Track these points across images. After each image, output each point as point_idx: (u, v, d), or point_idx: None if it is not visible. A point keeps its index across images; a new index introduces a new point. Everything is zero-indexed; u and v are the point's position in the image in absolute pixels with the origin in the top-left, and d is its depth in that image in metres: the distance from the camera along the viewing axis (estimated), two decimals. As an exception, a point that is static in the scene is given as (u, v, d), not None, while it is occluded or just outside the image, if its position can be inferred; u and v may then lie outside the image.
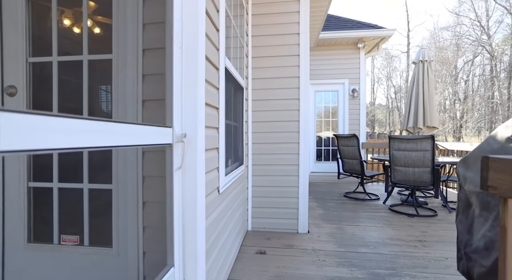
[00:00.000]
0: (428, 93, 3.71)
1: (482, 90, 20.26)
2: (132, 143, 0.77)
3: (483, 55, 21.44)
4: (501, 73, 19.51)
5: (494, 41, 19.81)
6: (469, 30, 20.15)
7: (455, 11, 21.27)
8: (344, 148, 4.45)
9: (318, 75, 6.14)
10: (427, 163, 3.15)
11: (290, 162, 2.90)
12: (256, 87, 2.94)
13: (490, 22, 19.61)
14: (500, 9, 17.85)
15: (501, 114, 17.46)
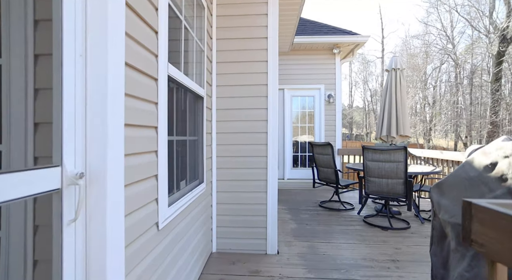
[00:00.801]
0: (401, 101, 3.65)
1: (448, 95, 21.44)
2: None
3: (449, 63, 22.74)
4: (464, 80, 20.78)
5: (458, 50, 21.07)
6: (436, 39, 21.28)
7: (424, 20, 22.39)
8: (319, 157, 4.30)
9: (294, 79, 6.00)
10: (400, 174, 3.04)
11: (258, 177, 2.65)
12: (221, 95, 2.67)
13: (454, 32, 20.85)
14: (463, 21, 19.01)
15: (465, 118, 18.53)
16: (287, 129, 6.09)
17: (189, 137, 2.08)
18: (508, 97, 16.41)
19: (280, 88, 6.04)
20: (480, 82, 19.98)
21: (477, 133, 19.99)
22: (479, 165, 1.19)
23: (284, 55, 5.89)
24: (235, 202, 2.68)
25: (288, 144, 6.10)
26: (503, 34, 15.16)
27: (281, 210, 4.11)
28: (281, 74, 5.98)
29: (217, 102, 2.66)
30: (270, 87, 2.61)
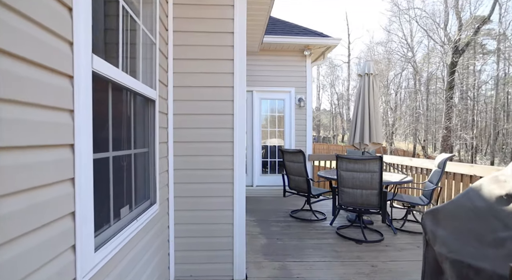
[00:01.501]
0: (374, 108, 3.57)
1: (408, 101, 22.97)
2: None
3: (408, 70, 24.41)
4: (422, 86, 22.42)
5: (417, 59, 22.70)
6: (397, 46, 22.69)
7: (387, 28, 23.78)
8: (290, 164, 4.07)
9: (264, 81, 5.74)
10: (375, 185, 2.90)
11: (222, 192, 2.31)
12: (180, 98, 2.28)
13: (414, 41, 22.42)
14: (422, 31, 20.51)
15: (423, 123, 19.92)
16: (256, 133, 5.81)
17: (135, 149, 1.68)
18: (460, 105, 17.95)
19: (248, 90, 5.74)
20: (435, 89, 21.68)
21: (433, 137, 21.66)
22: (489, 195, 0.99)
23: (253, 55, 5.61)
24: (197, 222, 2.31)
25: (257, 149, 5.82)
26: (456, 45, 16.56)
27: (249, 222, 3.80)
28: (250, 75, 5.68)
29: (174, 106, 2.27)
30: (237, 89, 2.29)
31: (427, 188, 3.46)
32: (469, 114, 19.48)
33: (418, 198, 3.49)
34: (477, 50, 23.21)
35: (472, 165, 3.20)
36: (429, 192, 3.25)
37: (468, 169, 3.26)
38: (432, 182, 3.33)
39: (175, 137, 2.27)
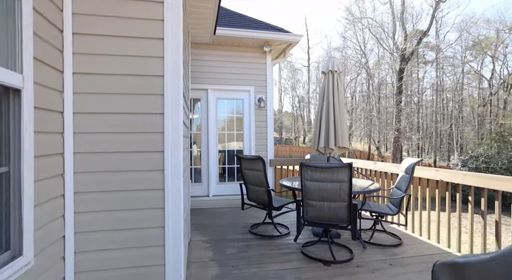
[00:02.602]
0: (339, 109, 3.22)
1: (363, 104, 24.33)
2: None
3: (362, 75, 25.93)
4: (374, 91, 23.93)
5: (370, 65, 24.19)
6: (353, 53, 23.92)
7: (343, 35, 24.96)
8: (249, 173, 3.54)
9: (221, 79, 5.15)
10: (344, 196, 2.51)
11: (149, 223, 1.66)
12: (84, 90, 1.59)
13: (367, 48, 23.86)
14: (373, 38, 21.87)
15: (377, 125, 21.18)
16: (212, 137, 5.18)
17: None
18: (408, 108, 19.44)
19: (202, 88, 5.11)
20: (385, 93, 23.29)
21: (385, 138, 23.20)
22: None
23: (207, 49, 5.01)
24: (115, 267, 1.63)
25: (213, 155, 5.20)
26: (403, 54, 17.89)
27: (201, 244, 3.17)
28: (204, 72, 5.06)
29: (75, 101, 1.57)
30: (169, 80, 1.67)
31: (394, 195, 3.20)
32: (415, 117, 21.28)
33: (386, 207, 3.22)
34: (419, 60, 25.61)
35: (438, 169, 3.03)
36: (397, 200, 2.98)
37: (434, 173, 3.07)
38: (400, 188, 3.08)
39: (76, 147, 1.56)
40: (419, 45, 19.76)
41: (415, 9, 30.82)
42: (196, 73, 5.04)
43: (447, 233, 2.99)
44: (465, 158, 15.79)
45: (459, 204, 2.87)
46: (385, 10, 27.56)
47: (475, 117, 25.51)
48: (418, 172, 3.24)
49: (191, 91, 5.10)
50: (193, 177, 5.19)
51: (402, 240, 3.17)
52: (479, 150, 15.50)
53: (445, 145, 25.48)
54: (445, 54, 24.59)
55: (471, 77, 26.95)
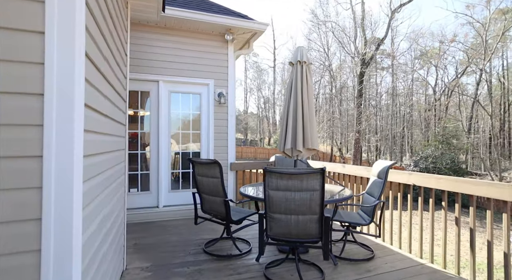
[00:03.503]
0: (308, 106, 2.80)
1: (326, 106, 25.05)
2: None
3: (325, 78, 26.73)
4: (336, 93, 24.79)
5: (333, 68, 24.99)
6: (317, 55, 24.47)
7: (308, 37, 25.43)
8: (203, 180, 2.94)
9: (174, 69, 4.46)
10: (315, 208, 2.06)
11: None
12: None
13: (330, 52, 24.61)
14: (337, 42, 22.61)
15: (339, 127, 21.88)
16: (163, 137, 4.47)
17: None
18: (368, 111, 20.37)
19: (152, 79, 4.37)
20: (347, 96, 24.25)
21: (346, 140, 24.13)
22: None
23: (158, 32, 4.32)
24: None
25: (165, 158, 4.48)
26: (363, 58, 18.68)
27: (138, 273, 2.49)
28: (155, 60, 4.34)
29: None
30: (55, 39, 1.03)
31: (366, 202, 2.88)
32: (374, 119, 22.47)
33: (357, 215, 2.88)
34: (377, 65, 27.24)
35: (411, 173, 2.77)
36: (370, 208, 2.64)
37: (407, 177, 2.81)
38: (373, 194, 2.76)
39: None
40: (377, 51, 20.89)
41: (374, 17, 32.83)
42: (143, 60, 4.29)
43: (419, 243, 2.73)
44: (416, 158, 17.00)
45: (431, 211, 2.63)
46: (348, 15, 28.82)
47: (422, 121, 27.92)
48: (389, 176, 2.96)
49: (137, 83, 4.33)
50: (139, 185, 4.41)
51: (374, 251, 2.86)
52: (427, 151, 16.79)
53: (398, 146, 27.46)
54: (398, 61, 26.51)
55: (419, 84, 29.49)
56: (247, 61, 51.50)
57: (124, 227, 2.61)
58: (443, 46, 26.77)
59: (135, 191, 4.44)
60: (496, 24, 21.84)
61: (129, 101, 4.42)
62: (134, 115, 4.45)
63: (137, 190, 4.44)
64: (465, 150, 21.83)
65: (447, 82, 26.85)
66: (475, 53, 22.66)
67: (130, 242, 3.23)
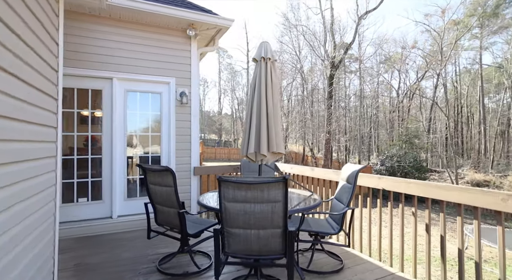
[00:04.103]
0: (273, 105, 2.58)
1: (298, 108, 25.40)
2: None
3: (297, 81, 27.14)
4: (308, 95, 25.26)
5: (304, 70, 25.43)
6: (289, 57, 24.73)
7: (280, 39, 25.60)
8: (156, 189, 2.59)
9: (132, 66, 4.03)
10: (278, 221, 1.83)
11: None
12: None
13: (301, 55, 25.00)
14: (308, 45, 23.01)
15: (311, 128, 22.26)
16: (118, 140, 4.01)
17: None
18: (337, 112, 20.95)
19: (105, 76, 3.90)
20: (318, 98, 24.82)
21: (317, 141, 24.67)
22: None
23: (111, 24, 3.88)
24: None
25: (120, 163, 4.02)
26: (333, 61, 19.18)
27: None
28: (108, 56, 3.88)
29: None
30: None
31: (334, 208, 2.73)
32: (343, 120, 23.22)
33: (326, 223, 2.72)
34: (346, 69, 28.27)
35: (380, 177, 2.67)
36: (339, 216, 2.49)
37: (376, 181, 2.71)
38: (342, 200, 2.61)
39: None
40: (346, 55, 21.63)
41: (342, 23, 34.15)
42: (95, 55, 3.82)
43: (389, 250, 2.64)
44: (382, 157, 17.79)
45: (401, 217, 2.54)
46: (318, 20, 29.58)
47: (388, 122, 29.50)
48: (359, 180, 2.84)
49: (88, 80, 3.84)
50: (89, 194, 3.90)
51: (343, 261, 2.71)
52: (392, 151, 17.66)
53: (366, 146, 28.73)
54: (365, 65, 27.75)
55: (384, 87, 31.18)
56: (221, 63, 50.95)
57: (54, 248, 2.17)
58: (405, 51, 28.56)
59: (84, 200, 3.92)
60: (449, 33, 23.75)
61: (81, 100, 3.91)
62: (91, 116, 3.97)
63: (87, 199, 3.94)
64: (425, 149, 23.39)
65: (409, 86, 28.65)
66: (432, 59, 24.43)
67: (70, 262, 2.77)
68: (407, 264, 2.58)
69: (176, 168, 4.28)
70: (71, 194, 3.83)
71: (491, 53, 27.70)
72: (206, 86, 55.58)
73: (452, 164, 19.05)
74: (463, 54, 27.17)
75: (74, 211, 3.81)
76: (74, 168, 3.87)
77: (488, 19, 23.97)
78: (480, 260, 1.94)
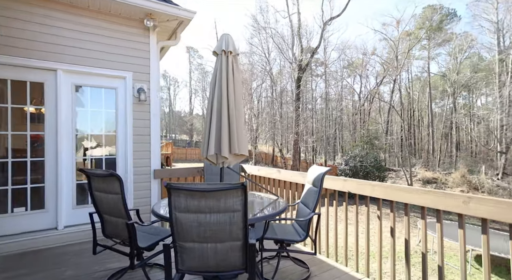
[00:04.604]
0: (235, 103, 2.39)
1: (268, 109, 25.58)
2: None
3: (267, 83, 27.35)
4: (277, 97, 25.57)
5: (273, 72, 25.70)
6: (259, 59, 24.80)
7: (250, 41, 25.56)
8: (101, 196, 2.26)
9: (81, 58, 3.57)
10: (237, 233, 1.65)
11: None
12: None
13: (270, 57, 25.23)
14: (276, 48, 23.27)
15: (280, 129, 22.52)
16: (65, 140, 3.53)
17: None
18: (305, 114, 21.46)
19: (47, 67, 3.41)
20: (286, 100, 25.23)
21: (286, 141, 25.07)
22: None
23: (56, 8, 3.41)
24: None
25: (67, 166, 3.54)
26: (300, 64, 19.61)
27: None
28: (51, 44, 3.40)
29: None
30: None
31: (300, 212, 2.63)
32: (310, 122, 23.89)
33: (292, 229, 2.60)
34: (312, 72, 29.17)
35: (346, 179, 2.63)
36: (305, 222, 2.38)
37: (342, 184, 2.67)
38: (308, 205, 2.51)
39: None
40: (312, 59, 22.29)
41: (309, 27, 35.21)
42: (36, 43, 3.31)
43: (355, 255, 2.60)
44: (346, 158, 18.63)
45: (367, 221, 2.52)
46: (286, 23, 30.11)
47: (351, 124, 31.08)
48: (324, 182, 2.78)
49: (26, 70, 3.32)
50: (28, 202, 3.38)
51: (309, 268, 2.62)
52: (355, 151, 18.57)
53: (332, 146, 29.93)
54: (330, 69, 28.93)
55: (347, 90, 32.82)
56: (192, 63, 49.56)
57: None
58: (365, 58, 30.36)
59: (22, 210, 3.38)
60: (403, 43, 25.78)
61: (17, 94, 3.35)
62: (30, 113, 3.44)
63: (26, 209, 3.40)
64: (384, 150, 25.04)
65: (369, 90, 30.49)
66: (389, 66, 26.28)
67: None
68: (373, 269, 2.57)
69: (134, 171, 3.90)
70: (3, 203, 3.27)
71: (437, 63, 30.79)
72: (177, 86, 53.66)
73: (407, 163, 20.59)
74: (414, 63, 29.76)
75: (8, 224, 3.26)
76: (8, 172, 3.32)
77: (434, 32, 26.56)
78: (442, 264, 1.95)
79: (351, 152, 18.64)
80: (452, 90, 27.00)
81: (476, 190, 17.56)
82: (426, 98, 30.04)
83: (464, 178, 18.30)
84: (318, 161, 26.46)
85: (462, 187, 17.93)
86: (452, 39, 27.14)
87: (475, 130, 26.56)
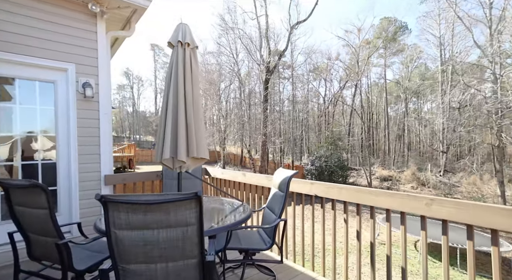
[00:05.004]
0: (193, 101, 2.12)
1: (236, 110, 25.31)
2: None
3: (235, 84, 27.11)
4: (245, 98, 25.44)
5: (242, 73, 25.53)
6: (227, 60, 24.44)
7: (217, 41, 25.06)
8: (25, 212, 1.84)
9: (11, 44, 3.00)
10: (191, 249, 1.40)
11: None
12: None
13: (238, 58, 25.02)
14: (244, 49, 23.13)
15: (248, 130, 22.39)
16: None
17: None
18: (272, 115, 21.62)
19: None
20: (255, 101, 25.22)
21: (255, 143, 25.03)
22: None
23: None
24: None
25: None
26: (268, 66, 19.72)
27: None
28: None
29: None
30: None
31: (266, 217, 2.45)
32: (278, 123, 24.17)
33: (257, 237, 2.41)
34: (280, 75, 29.63)
35: (313, 182, 2.52)
36: (271, 229, 2.21)
37: (309, 187, 2.55)
38: (273, 210, 2.35)
39: None
40: (279, 61, 22.61)
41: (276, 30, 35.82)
42: None
43: (322, 260, 2.50)
44: (312, 158, 19.16)
45: (333, 225, 2.43)
46: (254, 25, 30.19)
47: (316, 125, 32.21)
48: (291, 185, 2.65)
49: None
50: None
51: (276, 276, 2.45)
52: (321, 152, 19.20)
53: (299, 147, 30.68)
54: (297, 72, 29.67)
55: (313, 93, 34.00)
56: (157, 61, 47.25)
57: None
58: (330, 62, 31.74)
59: None
60: (363, 51, 27.51)
61: None
62: None
63: None
64: (346, 150, 26.33)
65: (333, 93, 31.91)
66: (351, 71, 27.80)
67: None
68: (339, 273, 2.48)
69: (80, 177, 3.41)
70: None
71: (392, 71, 33.49)
72: (141, 85, 50.72)
73: (366, 163, 21.83)
74: (373, 69, 31.94)
75: None
76: None
77: (389, 42, 28.84)
78: (405, 265, 1.91)
79: (317, 152, 19.22)
80: (404, 96, 29.45)
81: (424, 185, 19.30)
82: (383, 103, 32.36)
83: (414, 175, 20.02)
84: (285, 161, 26.89)
85: (412, 183, 19.59)
86: (404, 50, 29.68)
87: (423, 132, 29.23)
